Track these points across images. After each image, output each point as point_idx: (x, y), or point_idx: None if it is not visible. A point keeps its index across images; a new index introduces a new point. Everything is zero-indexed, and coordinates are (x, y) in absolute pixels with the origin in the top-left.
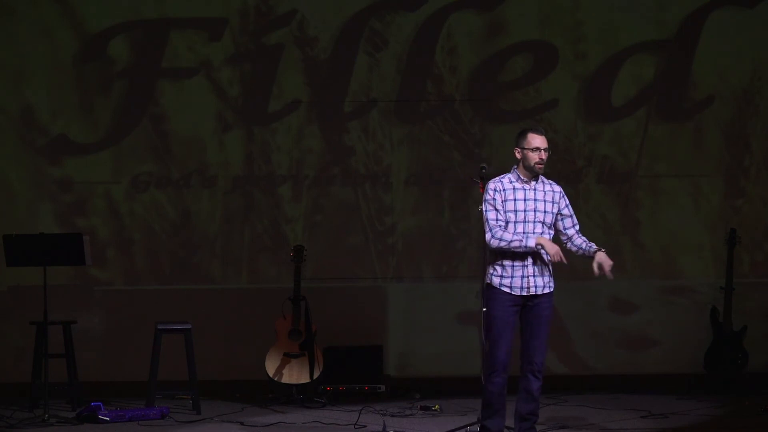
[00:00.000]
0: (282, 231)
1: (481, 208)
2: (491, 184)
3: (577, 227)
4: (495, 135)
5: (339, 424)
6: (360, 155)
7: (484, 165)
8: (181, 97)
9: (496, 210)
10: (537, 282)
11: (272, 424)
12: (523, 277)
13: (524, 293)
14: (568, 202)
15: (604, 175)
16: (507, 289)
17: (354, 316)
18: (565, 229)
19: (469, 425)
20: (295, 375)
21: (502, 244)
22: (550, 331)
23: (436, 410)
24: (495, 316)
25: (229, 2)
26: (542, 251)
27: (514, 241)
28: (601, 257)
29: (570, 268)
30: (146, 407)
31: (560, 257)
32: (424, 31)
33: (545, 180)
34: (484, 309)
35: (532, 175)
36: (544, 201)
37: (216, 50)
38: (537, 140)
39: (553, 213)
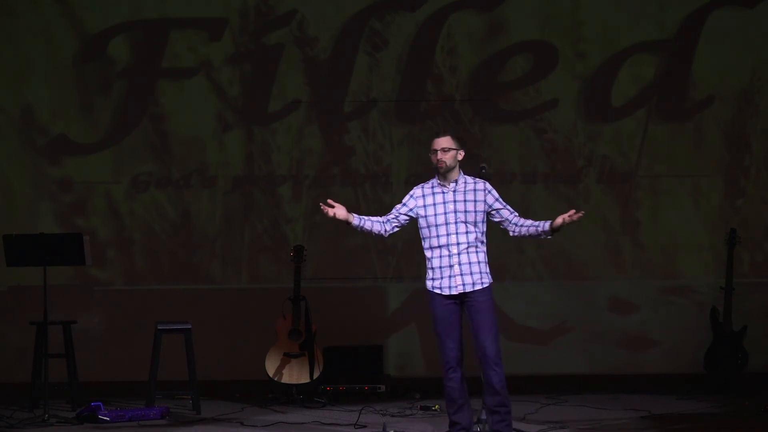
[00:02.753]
0: (282, 231)
1: None
2: (414, 189)
3: (516, 213)
4: (495, 135)
5: (339, 424)
6: (360, 155)
7: (484, 165)
8: (181, 97)
9: (396, 211)
10: (465, 280)
11: (272, 424)
12: (450, 277)
13: (455, 292)
14: (496, 195)
15: (604, 175)
16: (439, 291)
17: (354, 316)
18: (504, 219)
19: None
20: (295, 375)
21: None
22: (496, 322)
23: (436, 410)
24: (435, 317)
25: (229, 2)
26: (445, 236)
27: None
28: (559, 220)
29: (570, 268)
30: (146, 407)
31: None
32: (424, 31)
33: (469, 180)
34: None
35: (444, 177)
36: (465, 201)
37: (216, 50)
38: (434, 143)
39: (478, 211)
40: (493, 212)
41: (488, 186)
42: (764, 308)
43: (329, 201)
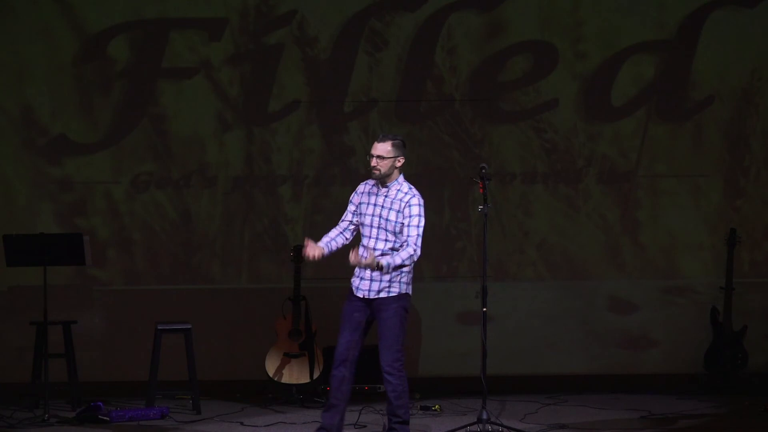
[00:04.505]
0: (282, 231)
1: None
2: (359, 185)
3: (411, 245)
4: (495, 135)
5: None
6: (360, 155)
7: (484, 165)
8: (181, 97)
9: (348, 211)
10: (372, 286)
11: (272, 424)
12: (361, 279)
13: (360, 295)
14: (413, 213)
15: (604, 175)
16: (353, 289)
17: None
18: (404, 237)
19: (469, 425)
20: (295, 375)
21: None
22: (397, 331)
23: (436, 410)
24: (342, 311)
25: (229, 2)
26: (366, 237)
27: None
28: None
29: (570, 268)
30: (146, 407)
31: (355, 259)
32: (424, 31)
33: (404, 188)
34: (484, 309)
35: (379, 181)
36: (390, 209)
37: (216, 50)
38: (373, 147)
39: (398, 222)
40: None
41: (414, 201)
42: (764, 308)
43: (307, 244)
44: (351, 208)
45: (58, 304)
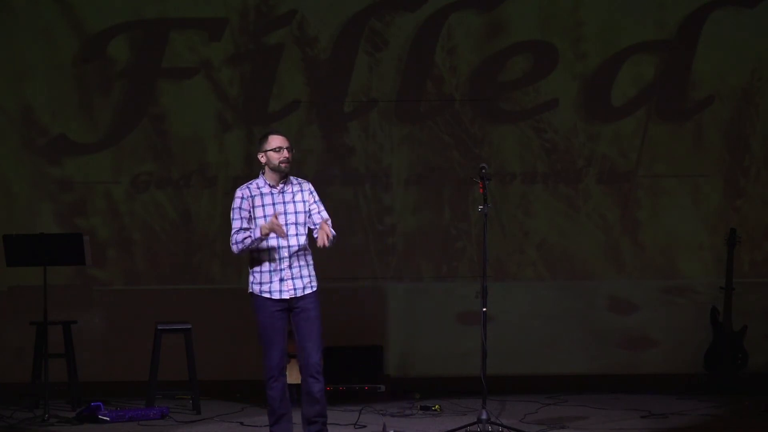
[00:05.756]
0: None
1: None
2: (238, 192)
3: (324, 215)
4: (495, 135)
5: (339, 424)
6: (360, 155)
7: (484, 165)
8: (181, 97)
9: (241, 218)
10: (296, 284)
11: None
12: (281, 281)
13: (284, 296)
14: (317, 198)
15: (604, 175)
16: (267, 295)
17: (354, 316)
18: (314, 223)
19: (469, 425)
20: (295, 375)
21: (240, 246)
22: (321, 330)
23: (436, 410)
24: (261, 323)
25: (229, 2)
26: (274, 238)
27: (246, 238)
28: (320, 227)
29: (570, 268)
30: (146, 407)
31: (279, 228)
32: (424, 31)
33: (294, 180)
34: (484, 309)
35: (279, 176)
36: (294, 202)
37: (216, 50)
38: (277, 140)
39: (305, 212)
40: (309, 212)
41: (311, 186)
42: (764, 308)
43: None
44: (244, 214)
45: (58, 304)
